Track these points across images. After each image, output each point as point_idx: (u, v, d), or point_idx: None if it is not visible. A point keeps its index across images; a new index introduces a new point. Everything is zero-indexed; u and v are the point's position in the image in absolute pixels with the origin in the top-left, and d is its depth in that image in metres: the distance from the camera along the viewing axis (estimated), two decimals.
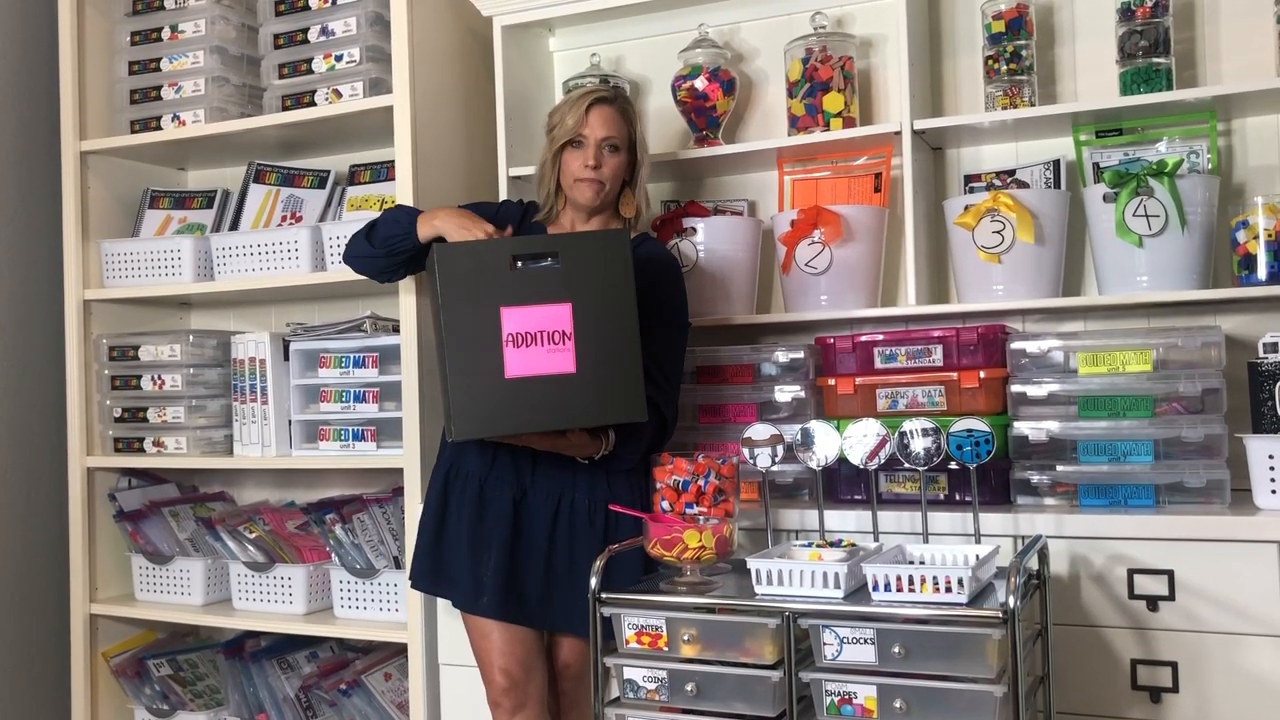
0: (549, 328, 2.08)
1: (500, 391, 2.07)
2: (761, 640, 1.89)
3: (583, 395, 2.07)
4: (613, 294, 2.09)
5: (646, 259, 2.34)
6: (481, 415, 2.09)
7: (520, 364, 2.08)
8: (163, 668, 3.14)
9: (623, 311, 2.08)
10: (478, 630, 2.30)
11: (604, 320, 2.08)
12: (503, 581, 2.23)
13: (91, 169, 3.17)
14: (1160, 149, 2.47)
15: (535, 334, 2.08)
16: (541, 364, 2.08)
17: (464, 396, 2.09)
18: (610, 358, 2.07)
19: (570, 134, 2.31)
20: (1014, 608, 1.71)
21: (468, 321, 2.09)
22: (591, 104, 2.31)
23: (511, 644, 2.26)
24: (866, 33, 2.79)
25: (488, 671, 2.28)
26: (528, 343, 2.08)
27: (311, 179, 3.13)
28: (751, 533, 2.35)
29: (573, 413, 2.08)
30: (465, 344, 2.09)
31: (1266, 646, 2.02)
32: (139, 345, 3.11)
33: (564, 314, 2.08)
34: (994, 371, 2.37)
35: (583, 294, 2.09)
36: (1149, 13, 2.41)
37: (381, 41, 2.86)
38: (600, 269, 2.09)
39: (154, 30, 3.12)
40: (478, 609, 2.27)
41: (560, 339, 2.08)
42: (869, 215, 2.61)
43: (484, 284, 2.09)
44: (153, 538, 3.12)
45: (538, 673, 2.30)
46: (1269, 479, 2.17)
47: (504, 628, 2.26)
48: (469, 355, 2.09)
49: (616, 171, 2.34)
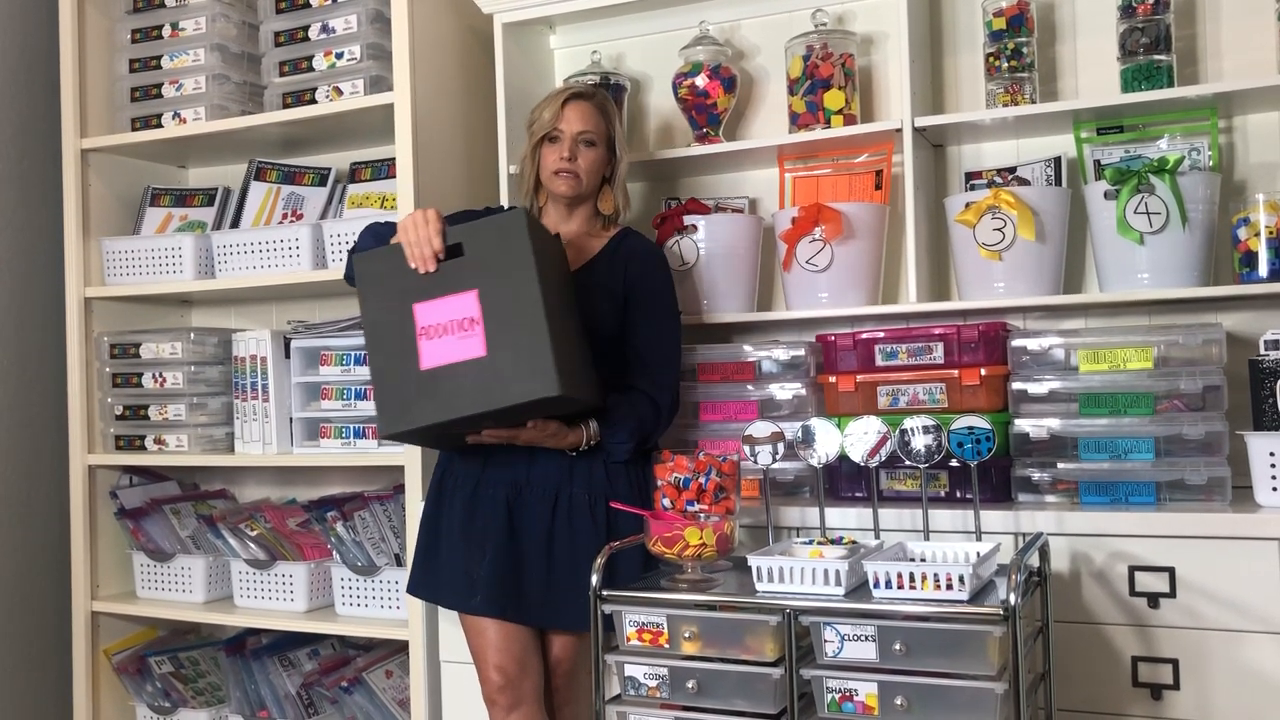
0: (458, 316, 2.10)
1: (417, 384, 2.11)
2: (762, 637, 1.89)
3: (494, 376, 2.07)
4: (515, 274, 2.08)
5: (630, 253, 2.37)
6: (402, 409, 2.13)
7: (434, 355, 2.10)
8: (164, 665, 3.14)
9: (526, 289, 2.07)
10: (473, 629, 2.30)
11: (509, 301, 2.08)
12: (496, 580, 2.23)
13: (92, 167, 3.17)
14: (1161, 146, 2.47)
15: (446, 324, 2.10)
16: (453, 352, 2.09)
17: (384, 393, 2.14)
18: (518, 336, 2.06)
19: (547, 128, 2.35)
20: (1015, 605, 1.71)
21: (384, 322, 2.16)
22: (567, 99, 2.35)
23: (506, 641, 2.26)
24: (867, 30, 2.78)
25: (483, 669, 2.28)
26: (440, 333, 2.11)
27: (312, 176, 3.14)
28: (752, 530, 2.35)
29: (486, 395, 2.08)
30: (383, 344, 2.15)
31: (1267, 643, 2.02)
32: (140, 343, 3.11)
33: (470, 300, 2.09)
34: (995, 369, 2.37)
35: (487, 279, 2.10)
36: (1150, 10, 2.41)
37: (382, 39, 2.86)
38: (501, 252, 2.10)
39: (154, 28, 3.12)
40: (471, 608, 2.27)
41: (469, 325, 2.09)
42: (870, 213, 2.61)
43: (398, 284, 2.14)
44: (154, 535, 3.12)
45: (533, 670, 2.30)
46: (1270, 476, 2.17)
47: (498, 625, 2.26)
48: (387, 354, 2.14)
49: (592, 165, 2.36)
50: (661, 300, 2.37)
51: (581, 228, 2.42)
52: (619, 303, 2.34)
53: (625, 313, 2.35)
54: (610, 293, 2.34)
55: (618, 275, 2.35)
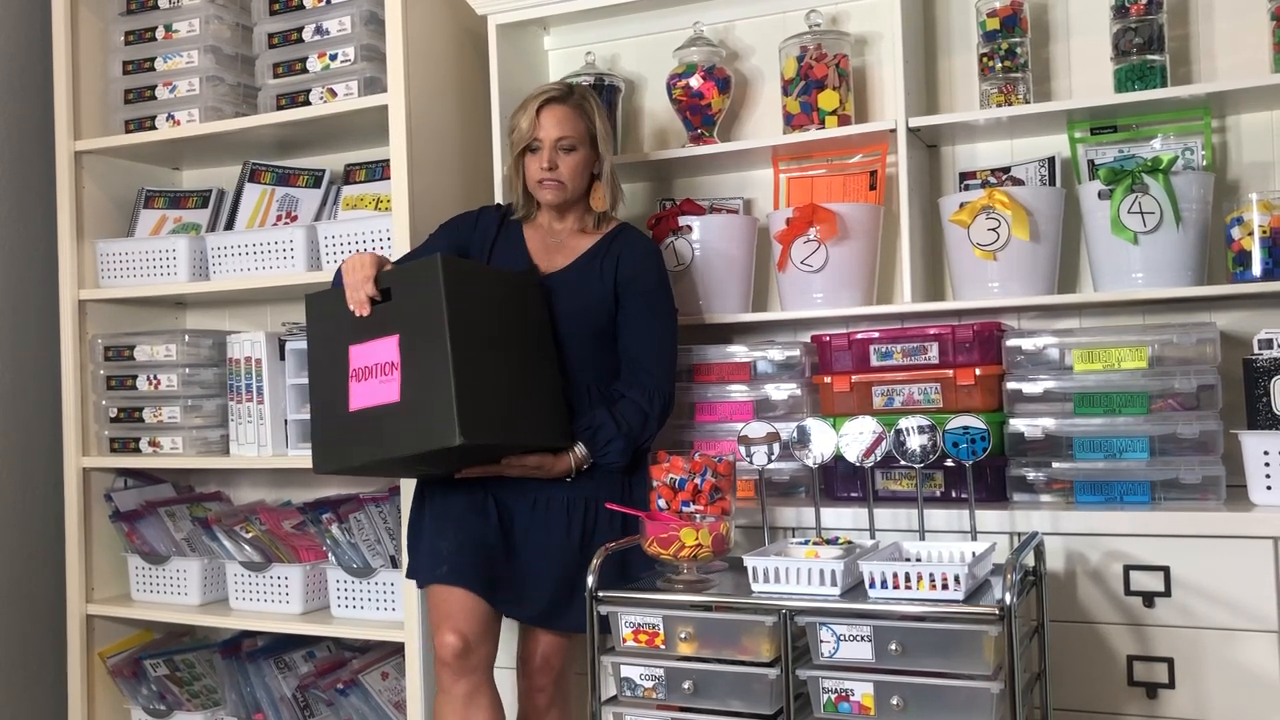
0: (381, 360, 2.13)
1: (345, 425, 2.16)
2: (758, 638, 1.89)
3: (403, 422, 2.08)
4: (427, 320, 2.09)
5: (621, 249, 2.36)
6: (332, 449, 2.19)
7: (360, 397, 2.15)
8: (159, 668, 3.13)
9: (435, 337, 2.07)
10: (435, 597, 2.24)
11: (421, 347, 2.09)
12: (464, 556, 2.22)
13: (86, 169, 3.17)
14: (1155, 146, 2.47)
15: (371, 367, 2.14)
16: (373, 395, 2.13)
17: (317, 431, 2.20)
18: (426, 384, 2.07)
19: (525, 139, 2.34)
20: (1010, 604, 1.72)
21: (326, 362, 2.20)
22: (541, 106, 2.33)
23: (468, 609, 2.21)
24: (861, 30, 2.79)
25: (440, 633, 2.21)
26: (366, 376, 2.14)
27: (307, 178, 3.13)
28: (748, 530, 2.35)
29: (396, 441, 2.09)
30: (321, 383, 2.21)
31: (1262, 642, 2.03)
32: (134, 345, 3.10)
33: (392, 345, 2.12)
34: (990, 369, 2.38)
35: (406, 324, 2.12)
36: (1143, 10, 2.42)
37: (376, 40, 2.86)
38: (418, 298, 2.11)
39: (148, 30, 3.12)
40: (436, 578, 2.23)
41: (389, 370, 2.12)
42: (864, 213, 2.61)
43: (338, 326, 2.19)
44: (149, 538, 3.12)
45: (490, 642, 2.26)
46: (1264, 475, 2.17)
47: (464, 594, 2.21)
48: (323, 394, 2.20)
49: (575, 169, 2.35)
50: (652, 299, 2.36)
51: (574, 227, 2.42)
52: (608, 300, 2.33)
53: (617, 310, 2.34)
54: (598, 290, 2.33)
55: (608, 272, 2.34)
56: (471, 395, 2.05)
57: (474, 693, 2.21)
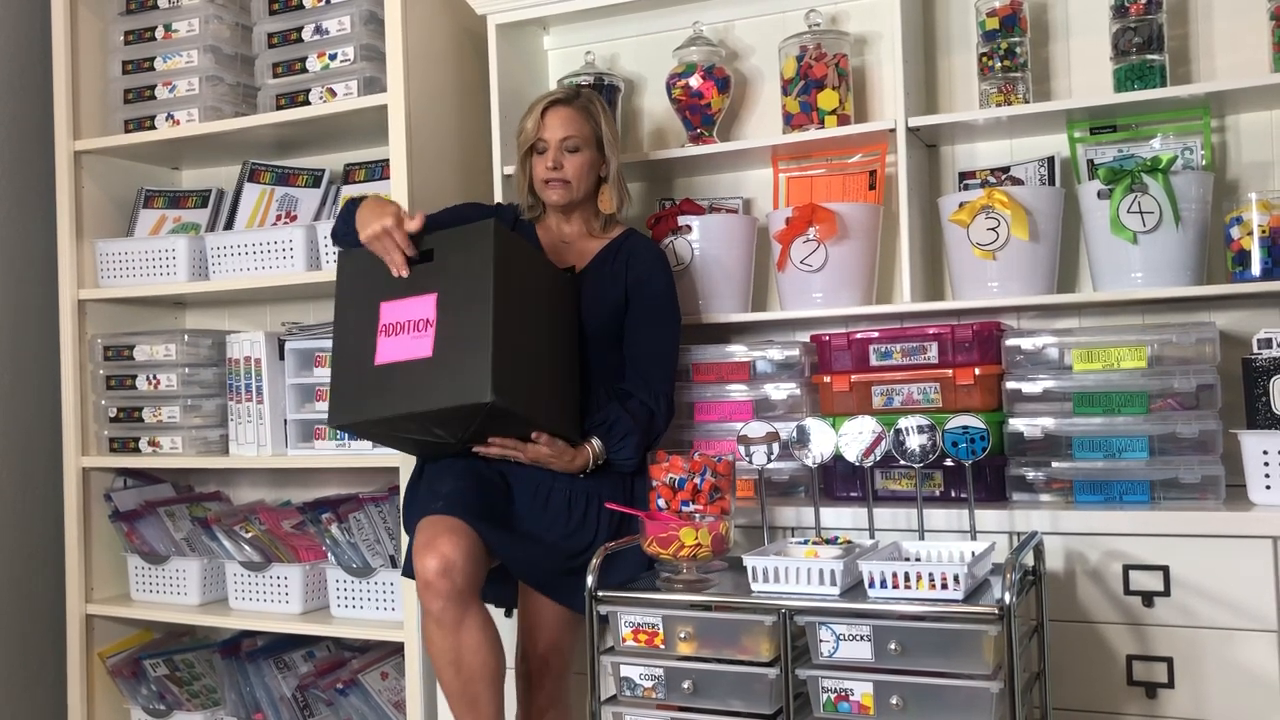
0: (415, 316, 2.14)
1: (368, 378, 2.15)
2: (758, 638, 1.89)
3: (433, 377, 2.09)
4: (473, 281, 2.11)
5: (632, 254, 2.38)
6: (351, 401, 2.18)
7: (387, 351, 2.15)
8: (159, 668, 3.13)
9: (479, 297, 2.09)
10: (421, 529, 2.10)
11: (463, 307, 2.11)
12: (464, 497, 2.15)
13: (86, 169, 3.17)
14: (1154, 145, 2.47)
15: (403, 323, 2.15)
16: (404, 350, 2.13)
17: (338, 383, 2.20)
18: (463, 342, 2.08)
19: (531, 139, 2.36)
20: (1010, 604, 1.72)
21: (353, 318, 2.21)
22: (547, 108, 2.36)
23: (455, 530, 2.07)
24: (861, 30, 2.79)
25: (420, 556, 2.04)
26: (396, 331, 2.15)
27: (306, 178, 3.13)
28: (747, 530, 2.35)
29: (422, 394, 2.10)
30: (347, 339, 2.21)
31: (1261, 641, 2.03)
32: (134, 345, 3.10)
33: (429, 303, 2.13)
34: (989, 368, 2.38)
35: (448, 284, 2.13)
36: (1143, 9, 2.42)
37: (376, 40, 2.86)
38: (464, 259, 2.13)
39: (147, 29, 3.12)
40: (429, 511, 2.13)
41: (423, 326, 2.12)
42: (864, 213, 2.61)
43: (372, 282, 2.19)
44: (148, 538, 3.12)
45: (477, 568, 2.09)
46: (1263, 474, 2.17)
47: (452, 520, 2.09)
48: (349, 348, 2.20)
49: (581, 170, 2.36)
50: (662, 304, 2.39)
51: (581, 229, 2.44)
52: (619, 303, 2.35)
53: (625, 314, 2.36)
54: (609, 293, 2.35)
55: (619, 275, 2.36)
56: (507, 360, 2.08)
57: (462, 617, 2.04)
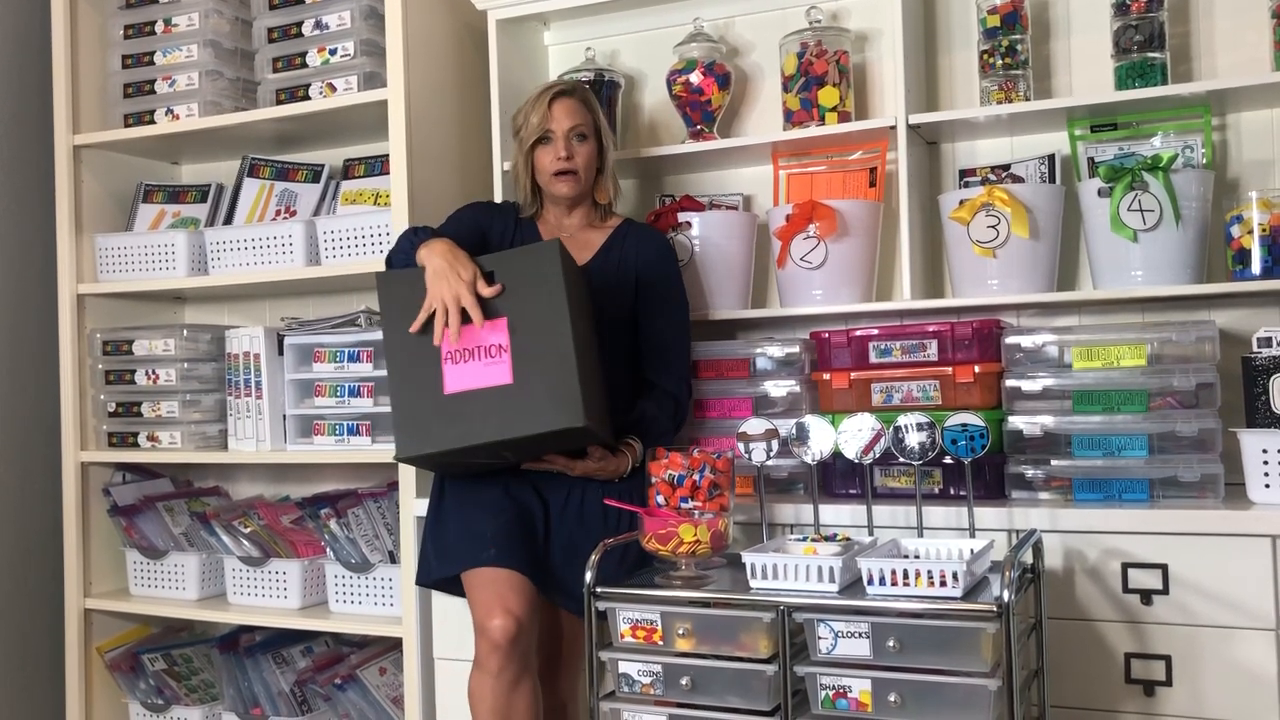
0: (486, 342, 2.11)
1: (440, 408, 2.11)
2: (756, 634, 1.89)
3: (520, 404, 2.08)
4: (545, 304, 2.10)
5: (637, 241, 2.40)
6: (423, 432, 2.13)
7: (458, 379, 2.11)
8: (157, 662, 3.13)
9: (556, 320, 2.08)
10: (481, 579, 2.16)
11: (538, 330, 2.09)
12: (511, 539, 2.18)
13: (85, 163, 3.16)
14: (1155, 144, 2.47)
15: (472, 349, 2.11)
16: (479, 378, 2.10)
17: (406, 415, 2.14)
18: (546, 366, 2.07)
19: (538, 131, 2.35)
20: (1009, 602, 1.72)
21: (406, 344, 2.15)
22: (553, 98, 2.36)
23: (519, 589, 2.14)
24: (861, 27, 2.78)
25: (490, 614, 2.10)
26: (465, 359, 2.11)
27: (306, 173, 3.13)
28: (746, 527, 2.35)
29: (511, 423, 2.08)
30: (406, 366, 2.15)
31: (1260, 640, 2.03)
32: (133, 340, 3.10)
33: (500, 328, 2.10)
34: (989, 366, 2.38)
35: (517, 307, 2.11)
36: (1144, 7, 2.41)
37: (376, 35, 2.86)
38: (534, 281, 2.11)
39: (147, 24, 3.11)
40: (483, 561, 2.16)
41: (497, 352, 2.10)
42: (864, 210, 2.61)
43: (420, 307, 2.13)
44: (147, 532, 3.12)
45: (537, 629, 2.19)
46: (1263, 473, 2.17)
47: (513, 575, 2.14)
48: (409, 377, 2.14)
49: (589, 159, 2.38)
50: (672, 288, 2.42)
51: (583, 221, 2.45)
52: (628, 292, 2.37)
53: (635, 302, 2.36)
54: (618, 283, 2.36)
55: (628, 265, 2.38)
56: (587, 380, 2.09)
57: (519, 678, 2.13)
